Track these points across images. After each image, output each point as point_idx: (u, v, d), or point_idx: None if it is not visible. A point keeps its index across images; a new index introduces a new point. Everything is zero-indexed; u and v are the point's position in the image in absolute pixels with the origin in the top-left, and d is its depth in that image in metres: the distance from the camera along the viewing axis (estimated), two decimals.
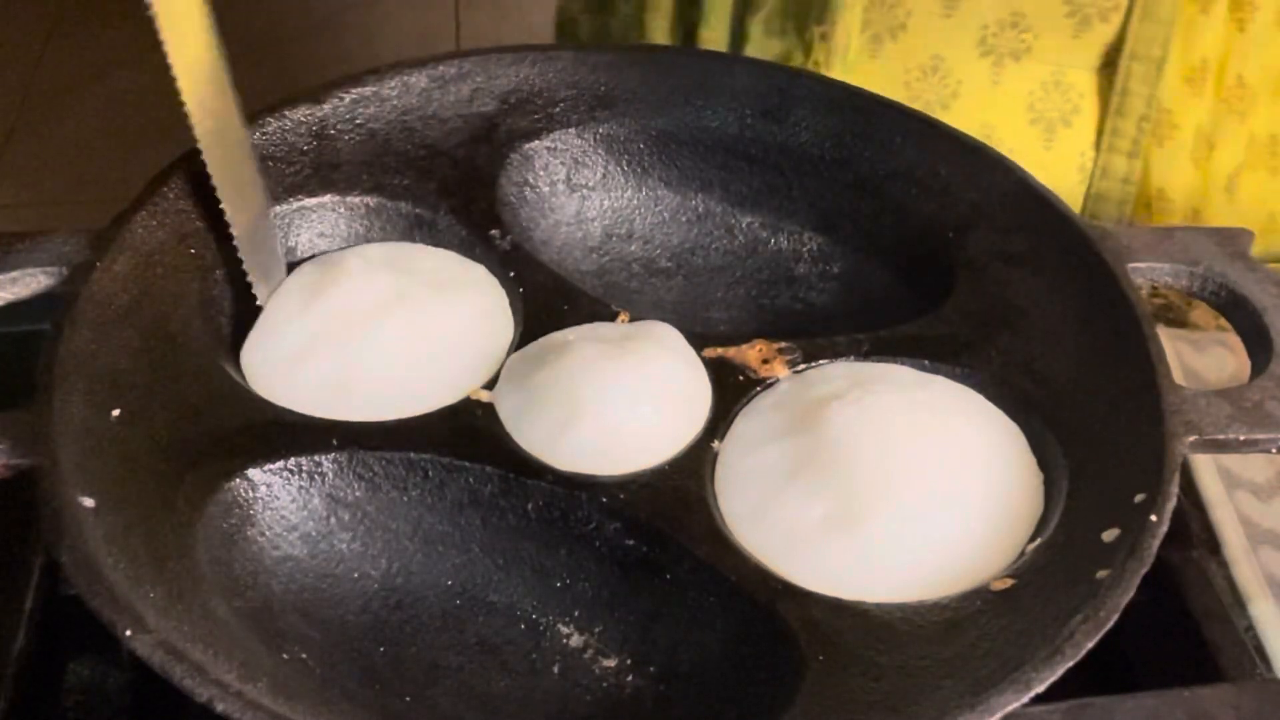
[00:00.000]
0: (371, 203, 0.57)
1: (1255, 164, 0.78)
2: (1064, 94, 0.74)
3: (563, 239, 0.60)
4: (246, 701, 0.39)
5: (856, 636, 0.43)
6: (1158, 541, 0.44)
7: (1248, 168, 0.78)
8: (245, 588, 0.46)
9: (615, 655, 0.47)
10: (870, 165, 0.59)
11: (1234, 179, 0.78)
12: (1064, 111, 0.75)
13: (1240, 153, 0.77)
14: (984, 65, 0.73)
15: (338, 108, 0.58)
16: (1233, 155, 0.77)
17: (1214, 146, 0.76)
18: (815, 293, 0.60)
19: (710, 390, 0.52)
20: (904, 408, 0.50)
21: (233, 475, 0.47)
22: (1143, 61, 0.73)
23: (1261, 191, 0.79)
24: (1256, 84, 0.75)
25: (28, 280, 0.51)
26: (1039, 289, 0.54)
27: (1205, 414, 0.48)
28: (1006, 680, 0.40)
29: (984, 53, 0.73)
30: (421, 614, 0.48)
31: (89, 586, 0.41)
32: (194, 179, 0.54)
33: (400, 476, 0.49)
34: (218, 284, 0.53)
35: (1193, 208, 0.77)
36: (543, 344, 0.52)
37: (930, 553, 0.47)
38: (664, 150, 0.61)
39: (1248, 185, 0.78)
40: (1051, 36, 0.73)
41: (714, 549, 0.46)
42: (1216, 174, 0.77)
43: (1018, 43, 0.73)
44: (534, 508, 0.48)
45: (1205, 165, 0.77)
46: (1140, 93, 0.73)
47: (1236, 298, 0.53)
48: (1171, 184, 0.76)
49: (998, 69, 0.74)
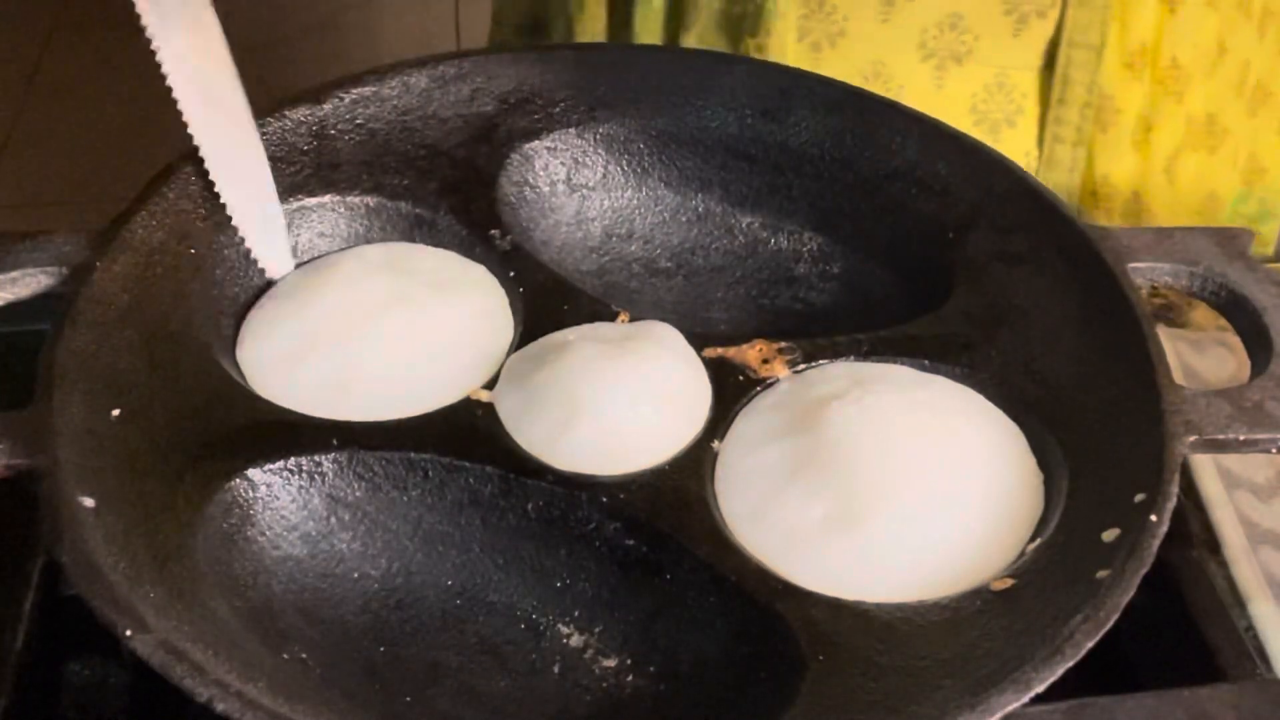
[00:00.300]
0: (371, 203, 0.57)
1: (1195, 144, 0.79)
2: (1007, 95, 0.75)
3: (563, 239, 0.60)
4: (246, 701, 0.39)
5: (856, 636, 0.43)
6: (1158, 541, 0.44)
7: (1187, 148, 0.78)
8: (245, 588, 0.46)
9: (615, 655, 0.47)
10: (870, 165, 0.59)
11: (1173, 161, 0.78)
12: (1008, 112, 0.75)
13: (1179, 134, 0.78)
14: (926, 69, 0.73)
15: (338, 108, 0.58)
16: (1171, 137, 0.77)
17: (1152, 129, 0.76)
18: (815, 293, 0.60)
19: (710, 390, 0.52)
20: (904, 408, 0.50)
21: (233, 475, 0.47)
22: (1082, 49, 0.73)
23: (1201, 171, 0.79)
24: (1190, 65, 0.76)
25: (28, 280, 0.51)
26: (1039, 289, 0.54)
27: (1205, 414, 0.48)
28: (1006, 680, 0.40)
29: (925, 56, 0.73)
30: (421, 614, 0.48)
31: (89, 586, 0.41)
32: (194, 179, 0.54)
33: (400, 476, 0.49)
34: (218, 284, 0.53)
35: (1134, 190, 0.78)
36: (543, 344, 0.52)
37: (930, 553, 0.47)
38: (664, 150, 0.61)
39: (1187, 166, 0.78)
40: (992, 37, 0.73)
41: (714, 549, 0.46)
42: (1156, 156, 0.77)
43: (958, 45, 0.73)
44: (534, 508, 0.48)
45: (1145, 149, 0.77)
46: (1081, 80, 0.74)
47: (1236, 298, 0.53)
48: (1116, 170, 0.77)
49: (940, 72, 0.74)
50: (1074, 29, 0.72)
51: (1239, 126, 0.79)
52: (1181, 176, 0.79)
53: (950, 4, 0.72)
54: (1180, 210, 0.79)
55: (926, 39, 0.73)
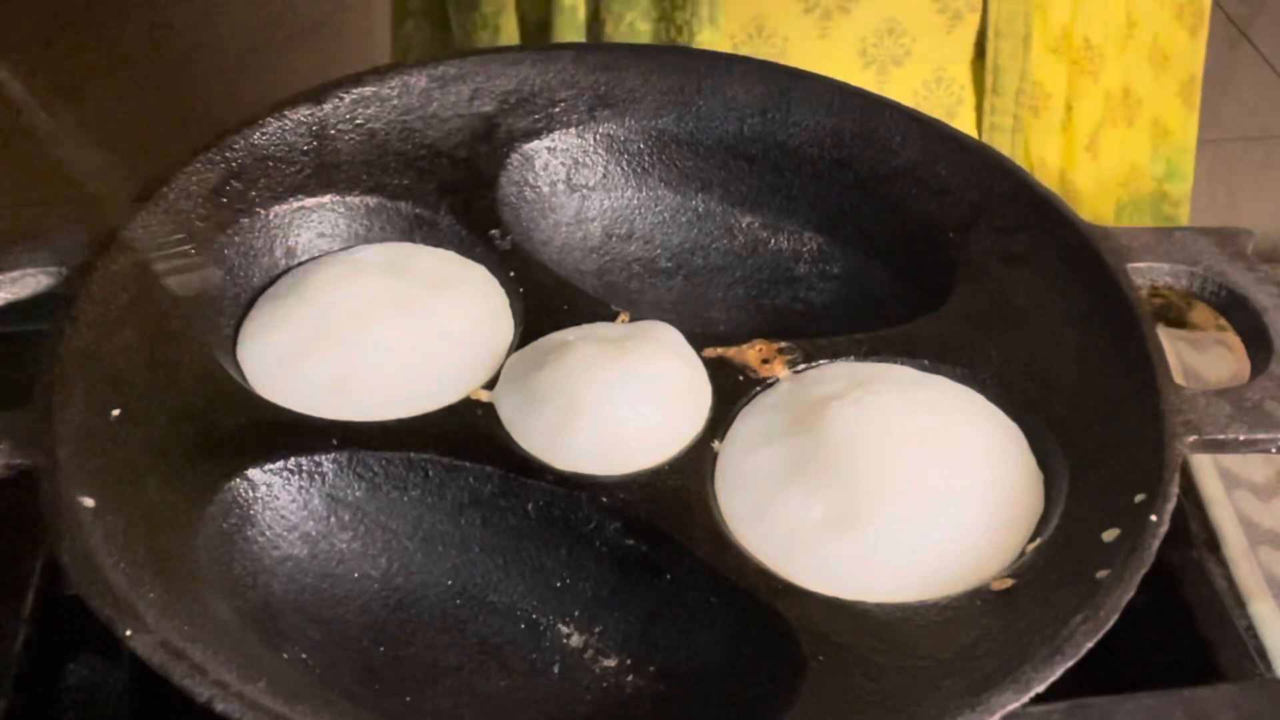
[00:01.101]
0: (371, 203, 0.57)
1: (1114, 118, 0.80)
2: (946, 88, 0.76)
3: (563, 239, 0.60)
4: (246, 701, 0.39)
5: (856, 636, 0.43)
6: (1158, 541, 0.44)
7: (1107, 123, 0.80)
8: (245, 588, 0.46)
9: (615, 655, 0.47)
10: (870, 165, 0.59)
11: (1094, 137, 0.80)
12: (948, 105, 0.76)
13: (1098, 111, 0.79)
14: (868, 76, 0.74)
15: (338, 108, 0.58)
16: (1091, 115, 0.79)
17: (1072, 109, 0.78)
18: (815, 293, 0.60)
19: (710, 390, 0.52)
20: (904, 408, 0.50)
21: (233, 475, 0.47)
22: (1009, 39, 0.74)
23: (1121, 143, 0.81)
24: (1102, 43, 0.77)
25: (28, 280, 0.51)
26: (1039, 289, 0.54)
27: (1205, 414, 0.48)
28: (1006, 680, 0.40)
29: (866, 64, 0.74)
30: (421, 614, 0.48)
31: (89, 586, 0.41)
32: (194, 179, 0.54)
33: (400, 476, 0.49)
34: (218, 284, 0.53)
35: (1060, 169, 0.79)
36: (543, 344, 0.52)
37: (930, 553, 0.47)
38: (664, 150, 0.61)
39: (1108, 141, 0.80)
40: (927, 37, 0.74)
41: (714, 549, 0.46)
42: (1079, 135, 0.79)
43: (897, 48, 0.74)
44: (534, 508, 0.48)
45: (1068, 128, 0.78)
46: (1012, 69, 0.75)
47: (1236, 298, 0.53)
48: (1050, 152, 0.79)
49: (881, 77, 0.75)
50: (999, 20, 0.74)
51: (1150, 95, 0.81)
52: (1104, 151, 0.80)
53: (886, 11, 0.73)
54: (1106, 184, 0.81)
55: (866, 47, 0.74)
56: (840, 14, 0.73)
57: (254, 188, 0.55)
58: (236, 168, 0.55)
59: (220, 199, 0.54)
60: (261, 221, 0.55)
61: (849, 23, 0.73)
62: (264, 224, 0.55)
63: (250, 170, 0.56)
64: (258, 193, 0.55)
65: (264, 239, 0.55)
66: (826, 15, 0.73)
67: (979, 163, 0.58)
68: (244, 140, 0.56)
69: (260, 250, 0.55)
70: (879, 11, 0.73)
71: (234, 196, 0.55)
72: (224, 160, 0.55)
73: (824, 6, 0.73)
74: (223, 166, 0.55)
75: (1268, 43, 2.09)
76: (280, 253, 0.56)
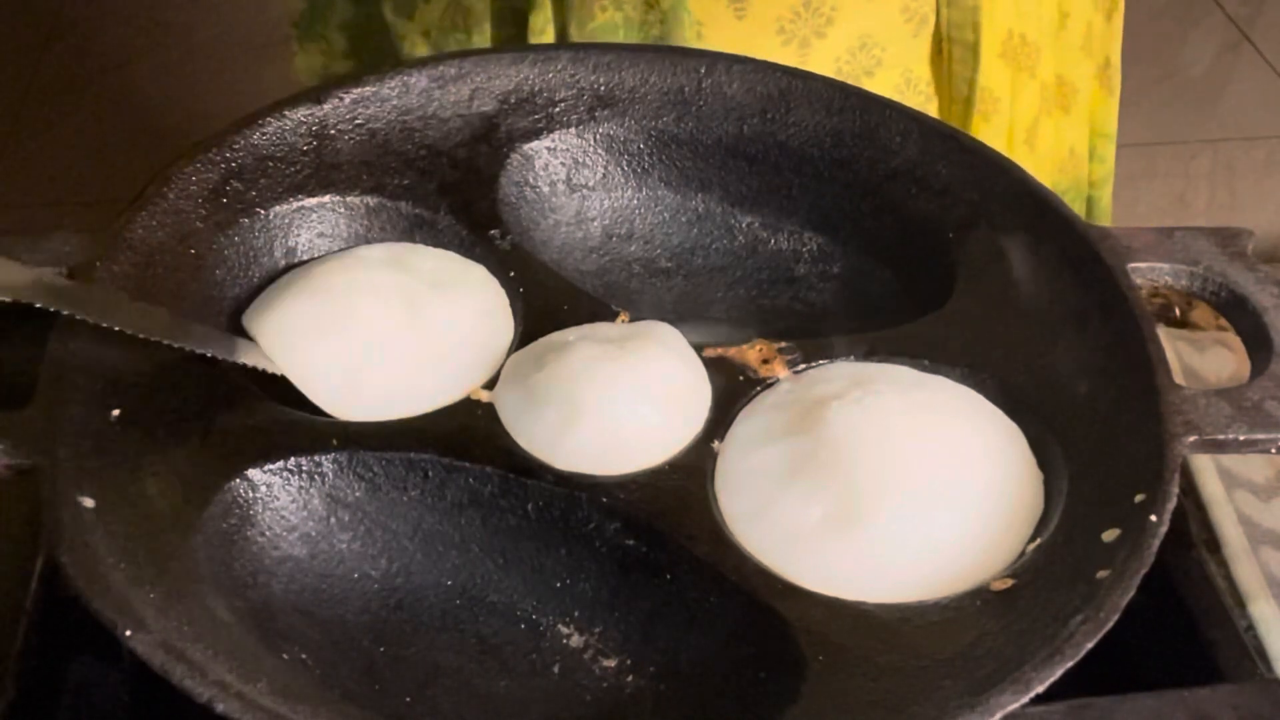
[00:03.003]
0: (371, 203, 0.57)
1: (1049, 108, 0.81)
2: (915, 89, 0.76)
3: (563, 239, 0.60)
4: (246, 701, 0.39)
5: (856, 636, 0.43)
6: (1158, 541, 0.44)
7: (1043, 114, 0.80)
8: (245, 588, 0.46)
9: (615, 655, 0.47)
10: (870, 165, 0.59)
11: (1032, 131, 0.80)
12: (918, 104, 0.76)
13: (1034, 104, 0.80)
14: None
15: (338, 108, 0.58)
16: (1028, 109, 0.79)
17: (1013, 105, 0.78)
18: (815, 293, 0.60)
19: (710, 390, 0.52)
20: (904, 408, 0.50)
21: (233, 475, 0.47)
22: (959, 45, 0.75)
23: (1058, 131, 0.81)
24: (1038, 38, 0.78)
25: None
26: (1039, 289, 0.54)
27: (1205, 414, 0.48)
28: (1006, 680, 0.40)
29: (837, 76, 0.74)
30: (421, 614, 0.48)
31: (89, 586, 0.41)
32: (194, 179, 0.54)
33: (400, 476, 0.49)
34: (218, 284, 0.53)
35: None
36: (543, 344, 0.52)
37: (930, 553, 0.47)
38: (664, 150, 0.61)
39: (1045, 131, 0.81)
40: (898, 44, 0.75)
41: (714, 549, 0.46)
42: (1018, 129, 0.79)
43: (869, 60, 0.75)
44: (534, 508, 0.48)
45: (1009, 125, 0.79)
46: (963, 75, 0.76)
47: (1236, 298, 0.53)
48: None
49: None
50: (950, 27, 0.75)
51: (1086, 83, 0.82)
52: (1041, 142, 0.81)
53: (860, 29, 0.74)
54: (1043, 173, 0.81)
55: (841, 65, 0.74)
56: (817, 39, 0.73)
57: (254, 188, 0.55)
58: (236, 168, 0.55)
59: (220, 199, 0.54)
60: (261, 221, 0.55)
61: (825, 45, 0.73)
62: (264, 224, 0.55)
63: (250, 170, 0.56)
64: (258, 193, 0.55)
65: (264, 239, 0.55)
66: (805, 44, 0.73)
67: (979, 163, 0.58)
68: (244, 140, 0.56)
69: (260, 250, 0.55)
70: (853, 30, 0.74)
71: (234, 196, 0.55)
72: (224, 160, 0.55)
73: (801, 36, 0.73)
74: (223, 166, 0.55)
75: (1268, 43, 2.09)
76: (280, 253, 0.56)
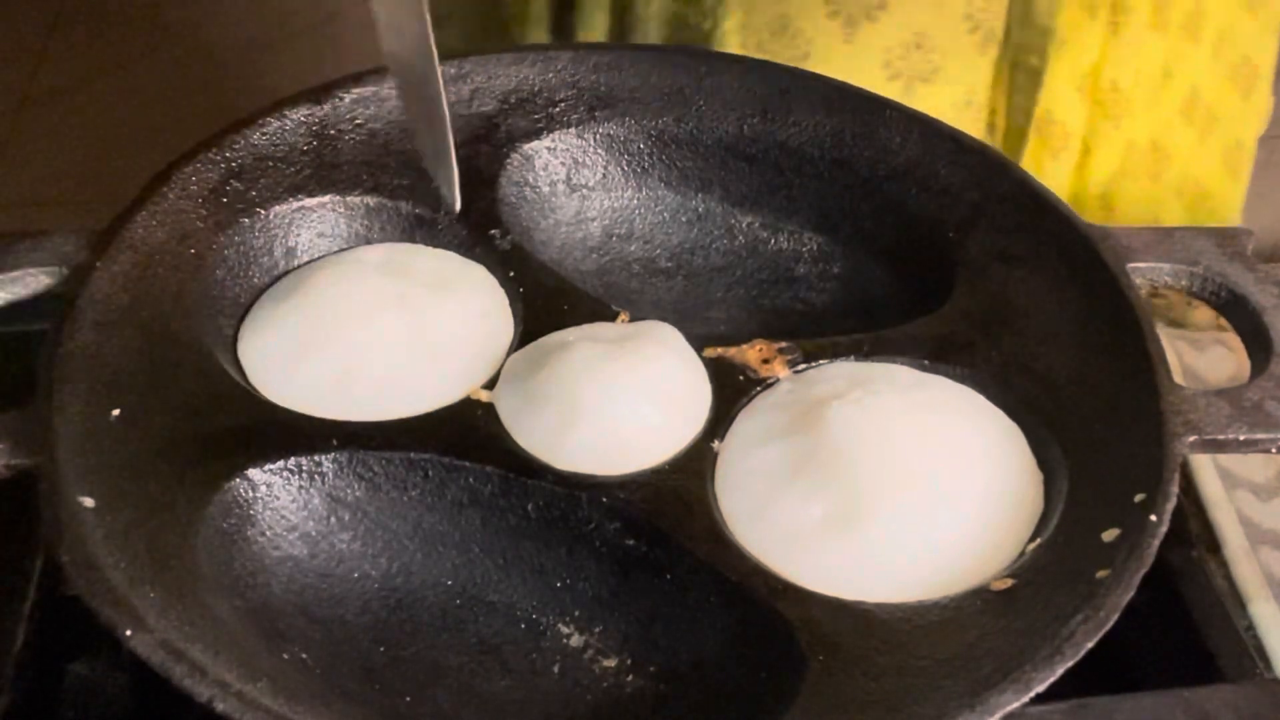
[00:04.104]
0: (371, 203, 0.57)
1: (1136, 172, 0.77)
2: (975, 111, 0.74)
3: (563, 239, 0.60)
4: (246, 701, 0.39)
5: (856, 636, 0.43)
6: (1158, 541, 0.44)
7: (1128, 175, 0.77)
8: (245, 588, 0.46)
9: (615, 655, 0.47)
10: (870, 165, 0.59)
11: (1109, 188, 0.77)
12: (977, 131, 0.74)
13: (1116, 159, 0.76)
14: (893, 90, 0.72)
15: (338, 108, 0.58)
16: (1107, 162, 0.76)
17: (1090, 153, 0.75)
18: (815, 293, 0.60)
19: (710, 390, 0.52)
20: (904, 408, 0.50)
21: (233, 475, 0.47)
22: (1023, 72, 0.72)
23: (1144, 198, 0.78)
24: (1130, 89, 0.74)
25: (28, 280, 0.51)
26: (1039, 289, 0.54)
27: (1205, 414, 0.48)
28: (1006, 680, 0.40)
29: (891, 76, 0.72)
30: (421, 614, 0.48)
31: (89, 586, 0.41)
32: (194, 179, 0.54)
33: (400, 476, 0.49)
34: (218, 284, 0.53)
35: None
36: (543, 344, 0.52)
37: (930, 553, 0.47)
38: (664, 150, 0.61)
39: (1129, 194, 0.77)
40: (959, 57, 0.72)
41: (714, 549, 0.46)
42: (1093, 183, 0.76)
43: (925, 65, 0.72)
44: (534, 508, 0.48)
45: (1082, 173, 0.76)
46: (1021, 104, 0.73)
47: (1236, 298, 0.53)
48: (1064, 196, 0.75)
49: (908, 93, 0.72)
50: (1017, 51, 0.72)
51: (1183, 152, 0.77)
52: (1120, 204, 0.77)
53: (913, 19, 0.71)
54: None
55: (891, 59, 0.72)
56: (867, 20, 0.71)
57: (254, 188, 0.55)
58: (236, 168, 0.55)
59: (220, 199, 0.54)
60: (261, 221, 0.55)
61: (875, 31, 0.71)
62: (264, 224, 0.55)
63: (250, 170, 0.56)
64: (258, 193, 0.55)
65: (264, 239, 0.55)
66: (852, 22, 0.71)
67: (979, 163, 0.58)
68: (244, 140, 0.56)
69: (260, 250, 0.55)
70: (906, 21, 0.71)
71: (234, 196, 0.55)
72: (224, 160, 0.55)
73: (847, 13, 0.71)
74: (223, 166, 0.55)
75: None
76: (280, 253, 0.56)
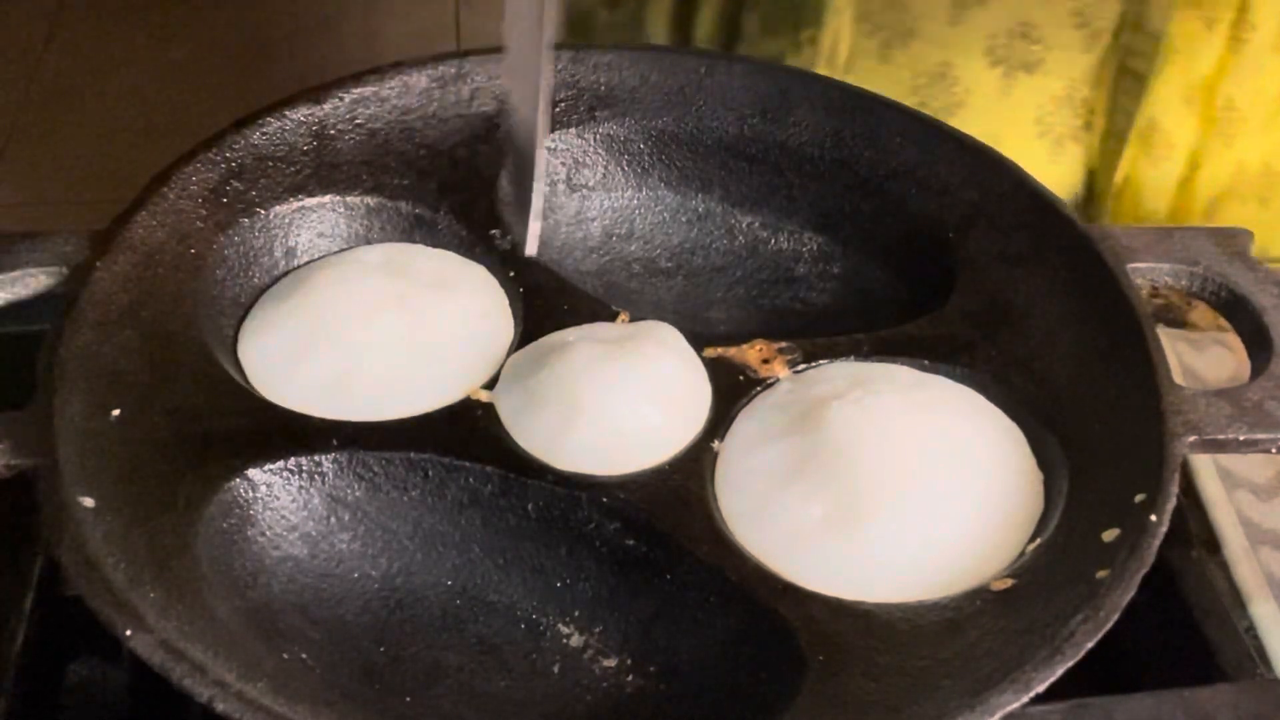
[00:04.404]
0: (371, 203, 0.57)
1: (1244, 193, 0.76)
2: (1074, 109, 0.72)
3: (563, 239, 0.60)
4: (246, 701, 0.39)
5: (856, 636, 0.43)
6: (1158, 541, 0.44)
7: (1235, 197, 0.75)
8: (245, 588, 0.46)
9: (615, 655, 0.47)
10: (870, 165, 0.59)
11: (1214, 206, 0.75)
12: (1074, 128, 0.73)
13: (1224, 178, 0.75)
14: (993, 76, 0.71)
15: (338, 108, 0.58)
16: (1215, 180, 0.75)
17: (1198, 168, 0.74)
18: (815, 293, 0.60)
19: (710, 390, 0.52)
20: (904, 408, 0.50)
21: (233, 475, 0.47)
22: (1129, 76, 0.71)
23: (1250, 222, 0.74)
24: (1247, 109, 0.73)
25: (28, 280, 0.51)
26: (1039, 289, 0.54)
27: (1205, 414, 0.48)
28: (1006, 680, 0.40)
29: (993, 63, 0.71)
30: (421, 614, 0.48)
31: (89, 586, 0.41)
32: (194, 179, 0.54)
33: (400, 476, 0.49)
34: (218, 284, 0.53)
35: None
36: (543, 344, 0.52)
37: (930, 553, 0.47)
38: (664, 150, 0.61)
39: (1235, 216, 0.76)
40: (1064, 51, 0.71)
41: (714, 549, 0.46)
42: (1198, 199, 0.75)
43: (1030, 55, 0.71)
44: (534, 508, 0.48)
45: (1188, 188, 0.75)
46: (1124, 106, 0.72)
47: (1236, 298, 0.53)
48: (1162, 206, 0.75)
49: (1008, 80, 0.71)
50: (1125, 54, 0.70)
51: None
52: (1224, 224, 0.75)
53: (1022, 13, 0.70)
54: None
55: (995, 44, 0.71)
56: (977, 6, 0.69)
57: (254, 188, 0.55)
58: (236, 168, 0.55)
59: (220, 199, 0.54)
60: (261, 221, 0.55)
61: (984, 15, 0.70)
62: (264, 224, 0.55)
63: (250, 170, 0.56)
64: (258, 193, 0.55)
65: (264, 239, 0.55)
66: (961, 3, 0.69)
67: (979, 163, 0.58)
68: (244, 140, 0.56)
69: (260, 250, 0.55)
70: (1014, 11, 0.70)
71: (234, 196, 0.55)
72: (224, 160, 0.55)
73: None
74: (223, 166, 0.55)
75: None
76: (280, 253, 0.56)
